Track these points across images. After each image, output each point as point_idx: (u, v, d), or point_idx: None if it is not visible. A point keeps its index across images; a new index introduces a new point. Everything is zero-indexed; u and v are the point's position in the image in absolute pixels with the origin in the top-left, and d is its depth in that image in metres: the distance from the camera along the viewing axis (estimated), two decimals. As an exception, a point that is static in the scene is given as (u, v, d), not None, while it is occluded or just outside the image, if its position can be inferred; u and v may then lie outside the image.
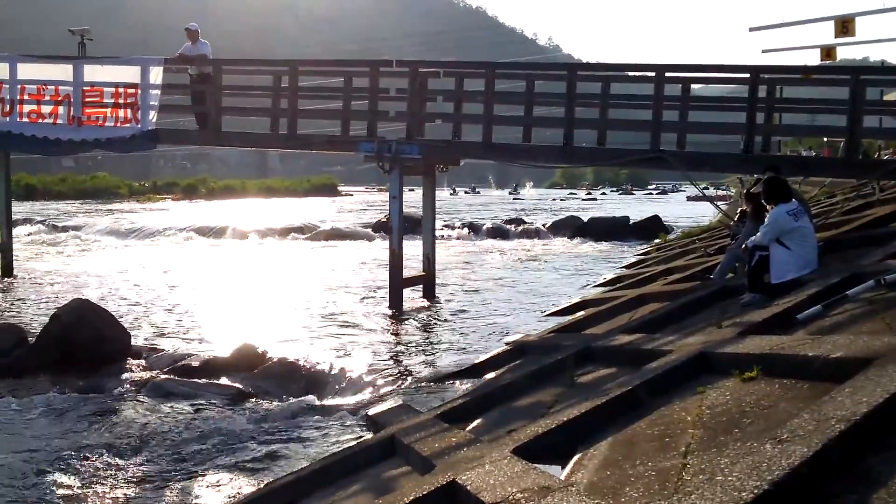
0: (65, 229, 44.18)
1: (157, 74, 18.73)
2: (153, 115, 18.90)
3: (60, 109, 19.09)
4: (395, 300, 17.28)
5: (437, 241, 20.00)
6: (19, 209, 44.70)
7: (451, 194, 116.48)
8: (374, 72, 17.58)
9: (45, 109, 19.16)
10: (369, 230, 41.42)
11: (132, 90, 18.75)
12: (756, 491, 3.55)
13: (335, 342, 13.91)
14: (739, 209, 13.41)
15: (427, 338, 14.55)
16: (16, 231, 26.05)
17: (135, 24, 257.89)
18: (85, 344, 12.46)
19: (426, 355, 12.94)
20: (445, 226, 41.11)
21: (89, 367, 12.09)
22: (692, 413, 5.57)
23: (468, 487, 4.89)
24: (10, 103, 19.24)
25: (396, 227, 17.54)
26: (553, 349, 10.10)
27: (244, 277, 23.81)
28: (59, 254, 32.23)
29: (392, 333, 15.00)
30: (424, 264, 18.92)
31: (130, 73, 18.91)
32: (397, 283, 17.45)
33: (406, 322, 16.07)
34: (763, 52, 27.04)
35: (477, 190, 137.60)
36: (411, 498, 5.16)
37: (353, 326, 15.45)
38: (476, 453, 5.82)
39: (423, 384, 10.81)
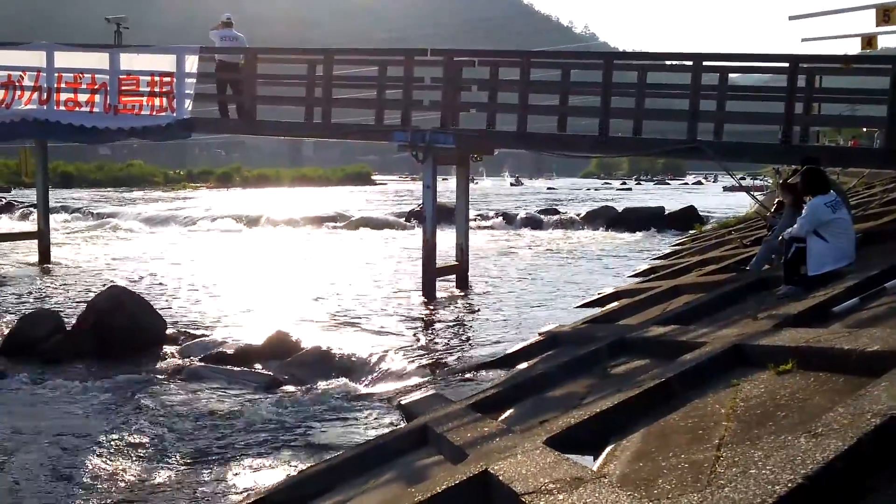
0: (101, 217, 44.66)
1: (192, 63, 18.81)
2: (188, 103, 19.00)
3: (97, 98, 19.21)
4: (428, 289, 17.29)
5: (470, 231, 19.97)
6: (56, 197, 45.27)
7: None
8: (408, 61, 17.55)
9: (82, 98, 19.28)
10: (403, 219, 41.49)
11: (168, 79, 18.84)
12: (790, 485, 3.52)
13: (368, 331, 13.97)
14: (776, 200, 13.29)
15: (459, 327, 14.56)
16: (53, 218, 26.35)
17: (170, 11, 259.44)
18: (121, 331, 12.60)
19: (459, 344, 12.96)
20: (479, 215, 41.07)
21: (125, 353, 12.24)
22: (726, 405, 5.53)
23: (500, 477, 4.89)
24: (46, 91, 19.39)
25: (430, 216, 17.54)
26: (586, 340, 10.07)
27: (278, 266, 23.95)
28: (96, 241, 32.58)
29: (425, 323, 15.02)
30: (458, 254, 18.90)
31: (166, 62, 19.00)
32: (430, 272, 17.46)
33: (439, 311, 16.09)
34: (803, 40, 26.83)
35: (475, 181, 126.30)
36: (443, 487, 5.17)
37: (385, 315, 15.49)
38: (508, 443, 5.82)
39: (455, 373, 10.83)
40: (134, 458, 8.08)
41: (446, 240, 19.34)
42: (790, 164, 15.71)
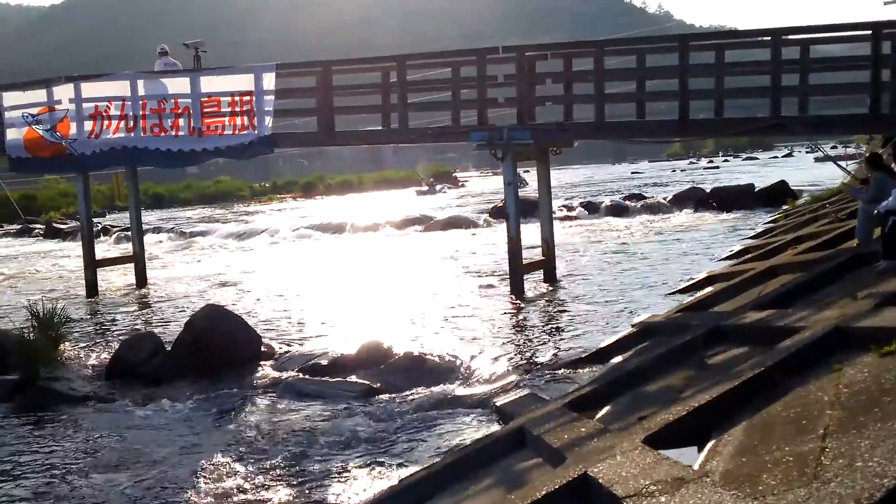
0: (192, 235, 45.49)
1: (269, 80, 19.09)
2: (269, 119, 19.29)
3: (181, 122, 19.64)
4: (516, 286, 17.23)
5: (555, 223, 19.84)
6: (149, 218, 46.46)
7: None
8: (480, 60, 17.54)
9: (167, 123, 19.75)
10: (486, 216, 41.35)
11: (247, 97, 19.17)
12: (900, 477, 3.41)
13: (459, 332, 13.97)
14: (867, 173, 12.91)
15: (550, 323, 14.48)
16: (146, 240, 26.98)
17: (232, 30, 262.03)
18: (218, 349, 12.84)
19: (550, 341, 12.88)
20: (563, 206, 40.77)
21: (223, 370, 12.45)
22: (829, 392, 5.38)
23: (600, 480, 4.85)
24: (133, 119, 19.92)
25: (513, 213, 17.47)
26: (681, 329, 9.92)
27: (366, 272, 24.10)
28: (189, 260, 33.23)
29: (515, 320, 14.97)
30: (543, 248, 18.79)
31: (244, 82, 19.33)
32: (517, 269, 17.39)
33: (528, 308, 16.02)
34: (885, 3, 25.91)
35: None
36: (543, 493, 5.14)
37: (475, 315, 15.47)
38: (607, 444, 5.76)
39: (548, 371, 10.76)
40: (237, 475, 8.23)
41: (531, 234, 19.24)
42: (881, 133, 15.24)
